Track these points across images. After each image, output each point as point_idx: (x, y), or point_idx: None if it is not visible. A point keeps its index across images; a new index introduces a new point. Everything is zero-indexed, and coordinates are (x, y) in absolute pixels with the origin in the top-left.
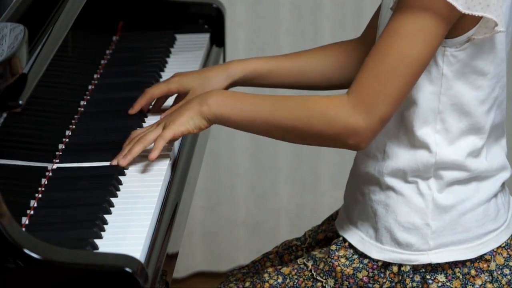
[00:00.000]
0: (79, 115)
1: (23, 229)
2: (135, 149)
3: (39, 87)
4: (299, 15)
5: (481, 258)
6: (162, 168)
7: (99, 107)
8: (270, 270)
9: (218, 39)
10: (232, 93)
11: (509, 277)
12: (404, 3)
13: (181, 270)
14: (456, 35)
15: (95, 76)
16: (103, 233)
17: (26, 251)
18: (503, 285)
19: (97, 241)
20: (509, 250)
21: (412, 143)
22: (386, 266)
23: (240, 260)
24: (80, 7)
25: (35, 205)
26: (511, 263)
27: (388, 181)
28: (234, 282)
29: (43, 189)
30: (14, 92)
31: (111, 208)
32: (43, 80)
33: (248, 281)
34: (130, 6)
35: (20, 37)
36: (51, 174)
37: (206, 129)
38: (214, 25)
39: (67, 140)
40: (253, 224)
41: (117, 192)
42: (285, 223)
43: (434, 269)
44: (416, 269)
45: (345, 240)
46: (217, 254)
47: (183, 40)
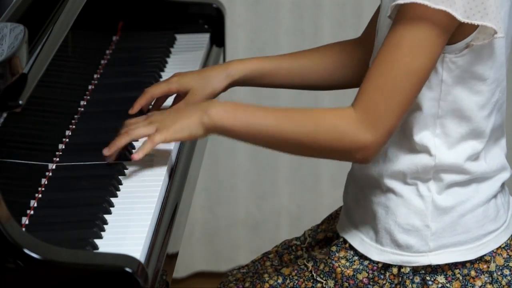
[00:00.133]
0: (79, 115)
1: (23, 229)
2: (120, 141)
3: (39, 87)
4: (299, 15)
5: (481, 259)
6: (162, 168)
7: (99, 107)
8: (270, 271)
9: (218, 39)
10: (234, 104)
11: (509, 277)
12: (403, 15)
13: (181, 270)
14: (455, 41)
15: (95, 76)
16: (103, 233)
17: (26, 251)
18: (503, 286)
19: (97, 241)
20: (509, 251)
21: (412, 147)
22: (386, 267)
23: (240, 260)
24: (80, 7)
25: (35, 205)
26: (511, 264)
27: (388, 183)
28: (234, 282)
29: (43, 189)
30: (14, 92)
31: (111, 208)
32: (43, 80)
33: (248, 281)
34: (130, 6)
35: (20, 37)
36: (51, 174)
37: (199, 139)
38: (214, 25)
39: (67, 140)
40: (253, 224)
41: (117, 192)
42: (285, 223)
43: (434, 270)
44: (416, 270)
45: (345, 241)
46: (217, 254)
47: (183, 40)
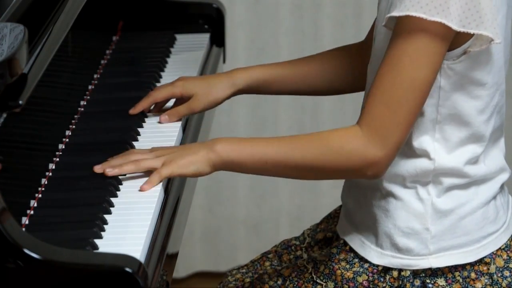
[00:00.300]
0: (79, 115)
1: (23, 229)
2: (126, 167)
3: (39, 87)
4: (299, 15)
5: (481, 261)
6: None
7: (99, 107)
8: (270, 271)
9: (218, 39)
10: (238, 139)
11: (509, 279)
12: (401, 27)
13: (181, 270)
14: (452, 48)
15: (95, 76)
16: (103, 233)
17: (26, 251)
18: (504, 287)
19: (97, 241)
20: (508, 252)
21: (411, 151)
22: (386, 270)
23: (240, 260)
24: (80, 7)
25: (35, 205)
26: (511, 265)
27: (387, 186)
28: (233, 282)
29: (43, 189)
30: (14, 92)
31: (111, 208)
32: (43, 80)
33: (247, 281)
34: (130, 6)
35: (20, 37)
36: (51, 174)
37: (203, 176)
38: (214, 25)
39: (67, 140)
40: (253, 224)
41: (117, 192)
42: (285, 223)
43: (434, 273)
44: (416, 273)
45: (346, 244)
46: (217, 254)
47: (183, 40)
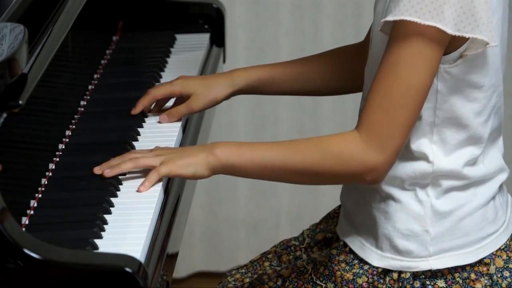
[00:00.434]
0: (79, 115)
1: (23, 229)
2: (125, 165)
3: (39, 87)
4: (299, 15)
5: (480, 262)
6: None
7: (99, 107)
8: (269, 272)
9: (218, 39)
10: (238, 143)
11: (509, 279)
12: (397, 32)
13: (181, 270)
14: (448, 51)
15: (95, 76)
16: (103, 233)
17: (26, 251)
18: None
19: (97, 241)
20: (508, 252)
21: (409, 154)
22: (386, 272)
23: (240, 260)
24: (80, 7)
25: (35, 205)
26: (510, 266)
27: (386, 189)
28: (233, 283)
29: (43, 189)
30: (14, 92)
31: (111, 208)
32: (43, 80)
33: (247, 281)
34: (130, 6)
35: (20, 37)
36: (51, 174)
37: (201, 179)
38: (214, 25)
39: (67, 140)
40: (253, 224)
41: (117, 192)
42: (285, 223)
43: (434, 274)
44: (416, 275)
45: (346, 245)
46: (217, 254)
47: (183, 40)
